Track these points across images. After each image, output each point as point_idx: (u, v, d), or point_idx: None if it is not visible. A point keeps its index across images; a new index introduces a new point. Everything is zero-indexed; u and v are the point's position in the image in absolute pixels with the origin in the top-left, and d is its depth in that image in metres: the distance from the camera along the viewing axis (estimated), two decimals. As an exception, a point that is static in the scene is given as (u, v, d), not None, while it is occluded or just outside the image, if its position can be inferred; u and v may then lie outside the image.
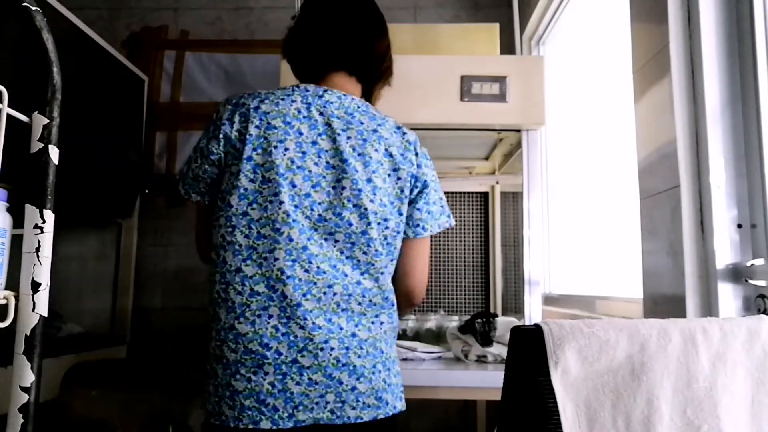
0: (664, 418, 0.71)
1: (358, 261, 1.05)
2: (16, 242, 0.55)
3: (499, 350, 1.47)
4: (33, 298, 0.53)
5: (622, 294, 1.40)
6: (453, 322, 1.71)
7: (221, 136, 1.05)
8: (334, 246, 1.03)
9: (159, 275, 2.35)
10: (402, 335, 1.72)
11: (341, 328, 1.02)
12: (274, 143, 1.02)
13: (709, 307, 0.99)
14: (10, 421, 0.51)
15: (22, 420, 0.51)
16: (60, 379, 1.63)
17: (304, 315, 0.99)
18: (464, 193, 2.25)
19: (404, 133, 1.13)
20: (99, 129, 1.94)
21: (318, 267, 1.01)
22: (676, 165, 1.04)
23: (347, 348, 1.01)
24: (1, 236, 0.52)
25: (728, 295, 0.98)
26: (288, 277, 0.99)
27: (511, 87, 1.67)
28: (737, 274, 0.98)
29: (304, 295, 0.99)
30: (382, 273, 1.07)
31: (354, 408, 1.00)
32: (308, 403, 0.97)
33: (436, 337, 1.72)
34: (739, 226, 1.00)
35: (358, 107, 1.10)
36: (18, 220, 0.55)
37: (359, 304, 1.04)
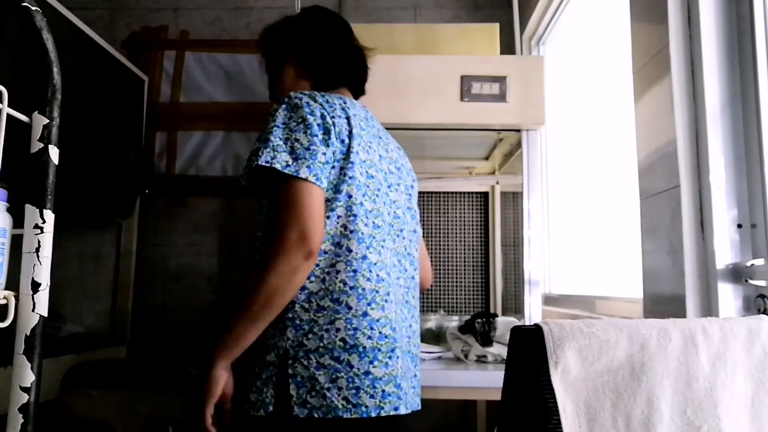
0: (664, 418, 0.71)
1: (413, 258, 1.18)
2: (16, 242, 0.55)
3: (499, 350, 1.47)
4: (33, 298, 0.53)
5: (622, 294, 1.40)
6: (453, 322, 1.71)
7: (336, 129, 1.03)
8: (402, 243, 1.14)
9: (159, 275, 2.35)
10: (402, 335, 1.72)
11: (413, 316, 1.14)
12: (368, 142, 1.09)
13: (709, 307, 0.99)
14: (10, 421, 0.51)
15: (22, 420, 0.51)
16: (60, 379, 1.63)
17: (401, 299, 1.09)
18: (464, 193, 2.25)
19: (405, 155, 1.29)
20: (99, 129, 1.94)
21: (393, 261, 1.10)
22: (676, 165, 1.04)
23: (409, 337, 1.11)
24: (1, 236, 0.52)
25: (728, 295, 0.98)
26: (393, 265, 1.08)
27: (511, 87, 1.67)
28: (737, 274, 0.98)
29: (397, 279, 1.09)
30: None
31: (418, 395, 1.11)
32: (416, 384, 1.09)
33: (436, 337, 1.73)
34: (739, 226, 1.00)
35: (380, 124, 1.23)
36: (18, 220, 0.55)
37: (414, 297, 1.17)
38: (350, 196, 1.02)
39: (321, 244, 0.98)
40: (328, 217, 1.00)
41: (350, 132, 1.05)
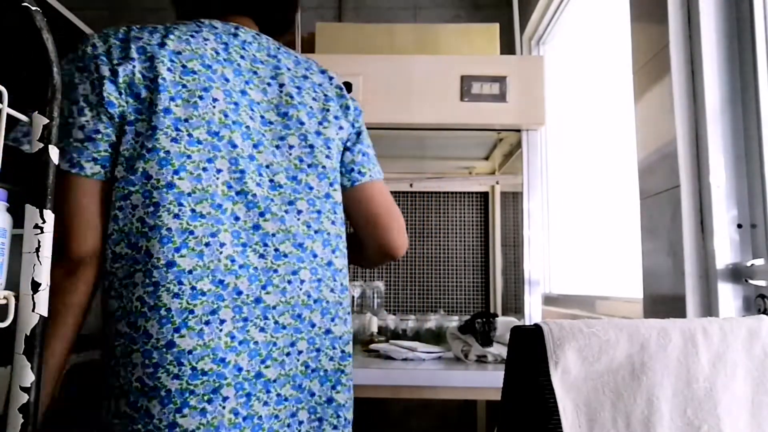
0: (664, 418, 0.71)
1: (328, 236, 0.85)
2: (16, 242, 0.55)
3: (499, 350, 1.47)
4: (33, 298, 0.53)
5: (622, 294, 1.40)
6: (453, 322, 1.71)
7: (120, 80, 0.74)
8: (298, 219, 0.82)
9: (159, 275, 2.34)
10: (402, 335, 1.72)
11: (313, 325, 0.81)
12: (198, 92, 0.77)
13: (709, 307, 0.99)
14: (10, 421, 0.51)
15: (22, 420, 0.51)
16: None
17: (264, 314, 0.77)
18: (464, 193, 2.25)
19: (331, 78, 0.96)
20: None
21: (276, 249, 0.79)
22: (676, 165, 1.04)
23: (318, 350, 0.82)
24: (1, 236, 0.52)
25: (728, 295, 0.98)
26: (240, 267, 0.76)
27: (511, 87, 1.67)
28: (737, 274, 0.98)
29: (263, 287, 0.77)
30: (346, 247, 0.90)
31: (335, 427, 0.82)
32: (279, 426, 0.76)
33: (436, 337, 1.72)
34: (739, 226, 1.00)
35: (279, 48, 0.91)
36: (18, 220, 0.55)
37: (333, 291, 0.85)
38: (149, 177, 0.73)
39: (108, 245, 0.74)
40: (120, 209, 0.74)
41: (153, 80, 0.75)
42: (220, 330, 0.73)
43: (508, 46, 2.11)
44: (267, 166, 0.81)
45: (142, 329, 0.72)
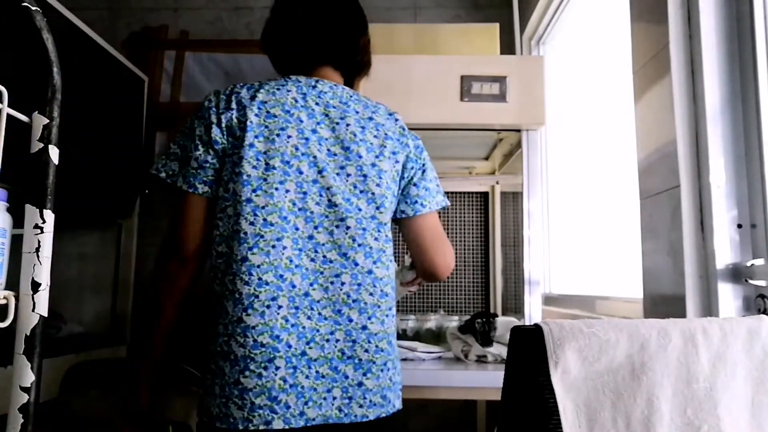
0: (665, 418, 0.71)
1: (369, 250, 1.03)
2: (16, 242, 0.55)
3: (499, 350, 1.47)
4: (33, 298, 0.53)
5: (622, 294, 1.40)
6: (453, 322, 1.71)
7: (223, 125, 1.01)
8: (346, 233, 1.01)
9: (159, 275, 2.34)
10: (402, 335, 1.72)
11: (350, 320, 0.99)
12: (276, 131, 1.01)
13: (709, 307, 0.99)
14: (10, 421, 0.51)
15: (22, 420, 0.51)
16: (60, 379, 1.63)
17: (310, 305, 0.97)
18: (464, 193, 2.25)
19: (396, 120, 1.15)
20: (99, 129, 1.94)
21: (325, 256, 1.00)
22: (676, 165, 1.04)
23: (354, 341, 0.99)
24: (1, 236, 0.52)
25: (728, 295, 0.98)
26: (296, 266, 0.97)
27: (511, 87, 1.67)
28: (737, 274, 0.98)
29: (311, 284, 0.98)
30: (391, 260, 1.08)
31: (361, 406, 0.98)
32: (317, 398, 0.94)
33: (436, 337, 1.72)
34: (739, 226, 1.00)
35: (351, 96, 1.11)
36: (18, 220, 0.55)
37: (371, 294, 1.02)
38: (236, 194, 0.98)
39: (214, 246, 1.00)
40: (220, 219, 1.00)
41: (244, 124, 1.00)
42: (278, 313, 0.94)
43: (508, 46, 2.12)
44: (327, 188, 1.02)
45: (224, 308, 0.96)
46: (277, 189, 0.98)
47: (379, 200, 1.06)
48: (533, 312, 1.70)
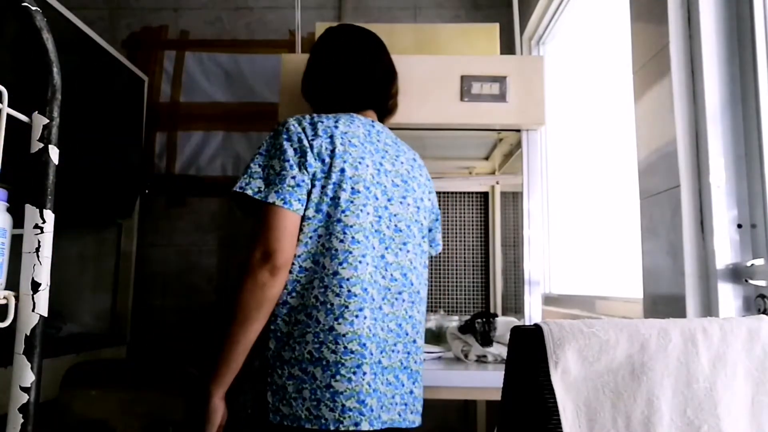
0: (664, 418, 0.71)
1: (419, 273, 1.18)
2: (16, 242, 0.55)
3: (499, 350, 1.47)
4: (33, 298, 0.53)
5: (622, 294, 1.40)
6: (453, 322, 1.71)
7: (315, 150, 1.08)
8: (406, 256, 1.14)
9: (159, 275, 2.35)
10: (402, 335, 1.72)
11: (407, 334, 1.11)
12: (358, 159, 1.11)
13: (709, 307, 0.99)
14: (10, 421, 0.51)
15: (22, 420, 0.51)
16: (60, 379, 1.63)
17: (383, 318, 1.07)
18: (464, 193, 2.25)
19: (423, 165, 1.31)
20: (99, 129, 1.94)
21: (392, 275, 1.11)
22: (676, 165, 1.04)
23: (408, 353, 1.11)
24: (1, 236, 0.52)
25: (728, 295, 0.98)
26: (374, 282, 1.07)
27: (511, 87, 1.67)
28: (737, 274, 0.98)
29: (383, 299, 1.08)
30: (426, 282, 1.23)
31: (412, 412, 1.10)
32: (387, 403, 1.05)
33: (436, 337, 1.72)
34: (739, 226, 1.00)
35: (396, 139, 1.25)
36: (18, 220, 0.55)
37: (419, 312, 1.16)
38: (329, 215, 1.06)
39: (296, 261, 1.05)
40: (310, 237, 1.06)
41: (332, 151, 1.08)
42: (364, 323, 1.03)
43: (508, 46, 2.12)
44: (395, 215, 1.14)
45: (314, 317, 1.02)
46: (361, 211, 1.08)
47: (425, 231, 1.23)
48: (533, 312, 1.70)
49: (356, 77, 1.24)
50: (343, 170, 1.08)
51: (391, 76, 1.30)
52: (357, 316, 1.02)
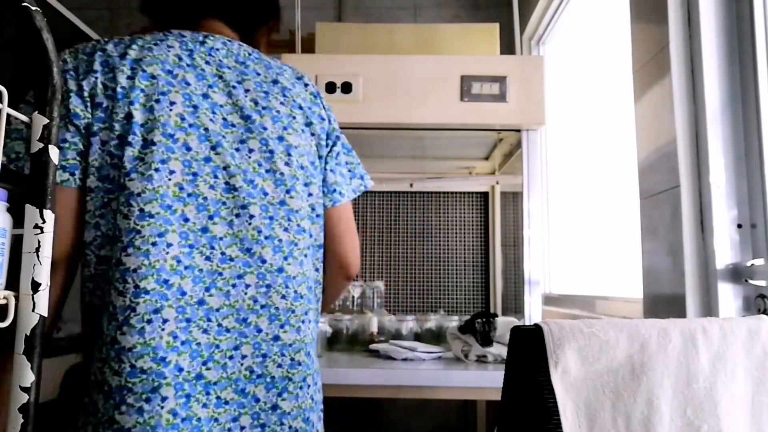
0: (664, 418, 0.71)
1: (280, 243, 0.84)
2: (17, 242, 0.55)
3: (499, 350, 1.47)
4: (33, 298, 0.53)
5: (622, 294, 1.40)
6: (453, 322, 1.71)
7: (86, 93, 0.78)
8: (249, 224, 0.82)
9: (159, 275, 2.34)
10: (402, 335, 1.72)
11: (259, 331, 0.80)
12: (154, 96, 0.80)
13: (709, 307, 0.99)
14: (10, 421, 0.51)
15: (22, 420, 0.51)
16: (60, 379, 1.63)
17: (207, 315, 0.77)
18: (464, 193, 2.25)
19: (306, 84, 0.97)
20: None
21: (223, 252, 0.79)
22: (676, 165, 1.04)
23: (264, 356, 0.80)
24: (1, 236, 0.52)
25: (728, 295, 0.98)
26: (186, 268, 0.76)
27: (511, 87, 1.67)
28: (737, 274, 0.98)
29: (207, 289, 0.77)
30: (305, 255, 0.87)
31: None
32: (218, 430, 0.75)
33: (436, 337, 1.72)
34: (739, 226, 1.00)
35: (250, 55, 0.92)
36: (18, 220, 0.55)
37: (284, 297, 0.83)
38: (111, 180, 0.77)
39: (90, 250, 0.77)
40: (101, 215, 0.77)
41: (114, 90, 0.79)
42: (162, 329, 0.73)
43: (508, 46, 2.12)
44: (224, 168, 0.82)
45: (97, 326, 0.75)
46: (157, 170, 0.77)
47: (290, 182, 0.86)
48: (533, 312, 1.70)
49: None
50: (129, 115, 0.77)
51: None
52: (150, 321, 0.73)
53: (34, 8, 0.54)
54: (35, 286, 0.53)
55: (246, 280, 0.80)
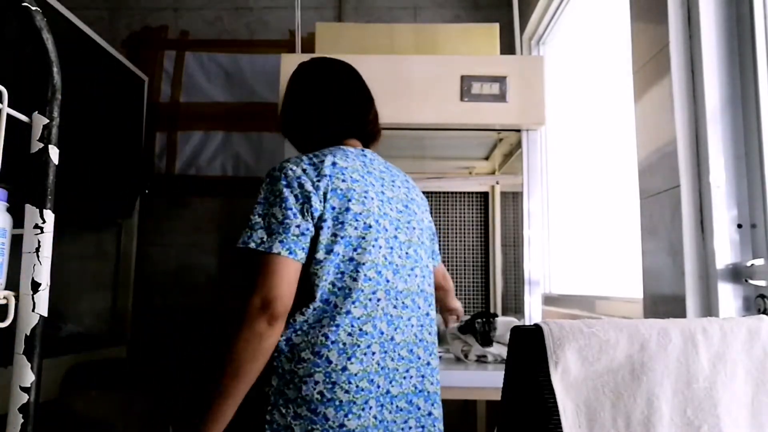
0: (664, 418, 0.71)
1: (427, 294, 1.18)
2: (16, 242, 0.55)
3: (499, 350, 1.47)
4: (33, 298, 0.53)
5: (622, 294, 1.40)
6: (453, 322, 1.71)
7: (321, 192, 1.05)
8: (415, 281, 1.14)
9: (159, 275, 2.35)
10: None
11: (419, 358, 1.11)
12: (362, 193, 1.09)
13: (709, 307, 0.99)
14: (10, 421, 0.51)
15: (22, 420, 0.51)
16: (60, 379, 1.63)
17: (394, 348, 1.07)
18: (464, 193, 2.25)
19: (415, 185, 1.29)
20: (99, 129, 1.94)
21: (403, 302, 1.11)
22: (676, 165, 1.04)
23: (423, 376, 1.11)
24: (1, 236, 0.52)
25: (728, 295, 0.98)
26: (384, 314, 1.06)
27: (511, 87, 1.67)
28: (737, 274, 0.98)
29: (395, 329, 1.08)
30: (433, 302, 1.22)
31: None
32: (398, 429, 1.05)
33: (436, 337, 1.72)
34: (739, 226, 1.00)
35: (385, 163, 1.23)
36: (18, 220, 0.55)
37: (430, 333, 1.16)
38: (339, 255, 1.04)
39: (311, 304, 1.02)
40: (324, 280, 1.03)
41: (337, 190, 1.06)
42: (373, 359, 1.03)
43: (508, 46, 2.12)
44: (403, 243, 1.14)
45: (325, 357, 1.00)
46: (373, 246, 1.07)
47: (429, 251, 1.25)
48: (533, 312, 1.70)
49: (337, 106, 1.21)
50: (348, 209, 1.05)
51: (369, 101, 1.27)
52: (366, 354, 1.02)
53: (34, 8, 0.54)
54: (35, 286, 0.53)
55: (412, 321, 1.11)
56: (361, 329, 1.02)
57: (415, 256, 1.16)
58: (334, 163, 1.09)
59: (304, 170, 1.07)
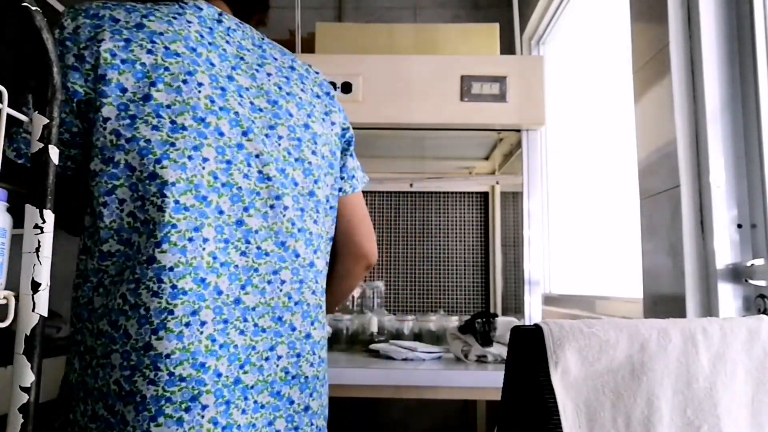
0: (664, 418, 0.71)
1: (309, 236, 0.81)
2: (16, 242, 0.55)
3: (499, 350, 1.47)
4: (33, 298, 0.53)
5: (622, 294, 1.40)
6: (453, 322, 1.71)
7: (88, 64, 0.69)
8: (283, 215, 0.77)
9: (159, 275, 2.34)
10: (402, 335, 1.72)
11: (294, 329, 0.77)
12: (181, 76, 0.72)
13: (709, 307, 0.99)
14: (10, 421, 0.51)
15: (22, 420, 0.51)
16: (60, 379, 1.62)
17: (243, 315, 0.72)
18: (464, 193, 2.25)
19: (317, 73, 0.93)
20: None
21: (259, 247, 0.75)
22: (676, 165, 1.04)
23: (298, 355, 0.77)
24: (1, 236, 0.52)
25: (728, 295, 0.98)
26: (222, 264, 0.71)
27: (511, 87, 1.67)
28: (737, 274, 0.98)
29: (242, 287, 0.73)
30: (329, 249, 0.87)
31: None
32: None
33: (436, 337, 1.72)
34: (739, 226, 1.00)
35: (263, 38, 0.87)
36: (18, 220, 0.55)
37: (314, 293, 0.80)
38: (132, 169, 0.68)
39: (90, 246, 0.70)
40: (103, 204, 0.68)
41: (135, 64, 0.70)
42: (201, 333, 0.68)
43: (508, 46, 2.12)
44: (257, 156, 0.76)
45: (123, 329, 0.67)
46: (191, 158, 0.70)
47: (317, 172, 0.83)
48: (533, 312, 1.70)
49: None
50: (149, 96, 0.69)
51: None
52: (188, 325, 0.67)
53: (34, 8, 0.54)
54: (35, 286, 0.53)
55: (281, 276, 0.77)
56: (175, 286, 0.67)
57: (282, 178, 0.78)
58: (139, 24, 0.73)
59: (76, 29, 0.73)
